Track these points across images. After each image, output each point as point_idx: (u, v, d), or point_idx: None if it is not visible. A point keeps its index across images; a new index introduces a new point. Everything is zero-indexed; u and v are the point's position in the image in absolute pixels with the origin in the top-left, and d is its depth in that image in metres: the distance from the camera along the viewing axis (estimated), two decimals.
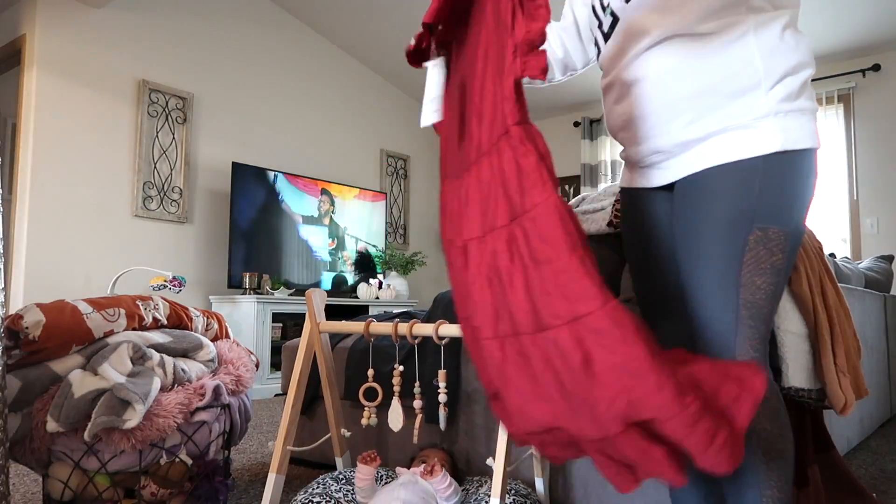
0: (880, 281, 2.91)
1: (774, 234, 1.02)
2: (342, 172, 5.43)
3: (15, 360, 1.48)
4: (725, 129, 1.04)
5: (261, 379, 4.11)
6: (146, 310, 1.68)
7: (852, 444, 2.40)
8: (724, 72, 1.03)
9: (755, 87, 1.02)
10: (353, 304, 4.76)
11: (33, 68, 3.70)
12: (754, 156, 1.02)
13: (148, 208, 4.13)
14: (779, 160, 1.01)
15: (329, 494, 1.53)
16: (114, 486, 1.50)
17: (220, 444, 1.67)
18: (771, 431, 1.04)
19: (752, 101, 1.02)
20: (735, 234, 1.03)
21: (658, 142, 1.10)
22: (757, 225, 1.02)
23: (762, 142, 1.02)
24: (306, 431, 2.18)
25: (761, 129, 1.02)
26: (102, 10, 3.99)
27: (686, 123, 1.06)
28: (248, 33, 4.81)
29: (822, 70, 4.98)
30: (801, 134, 1.02)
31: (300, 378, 1.58)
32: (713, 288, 1.05)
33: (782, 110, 1.02)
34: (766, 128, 1.02)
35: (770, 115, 1.02)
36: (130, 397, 1.42)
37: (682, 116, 1.06)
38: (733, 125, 1.03)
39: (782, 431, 1.05)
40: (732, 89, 1.02)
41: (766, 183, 1.01)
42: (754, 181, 1.02)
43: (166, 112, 4.24)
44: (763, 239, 1.02)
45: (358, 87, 5.64)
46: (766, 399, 1.04)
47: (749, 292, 1.03)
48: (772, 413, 1.05)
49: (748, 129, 1.02)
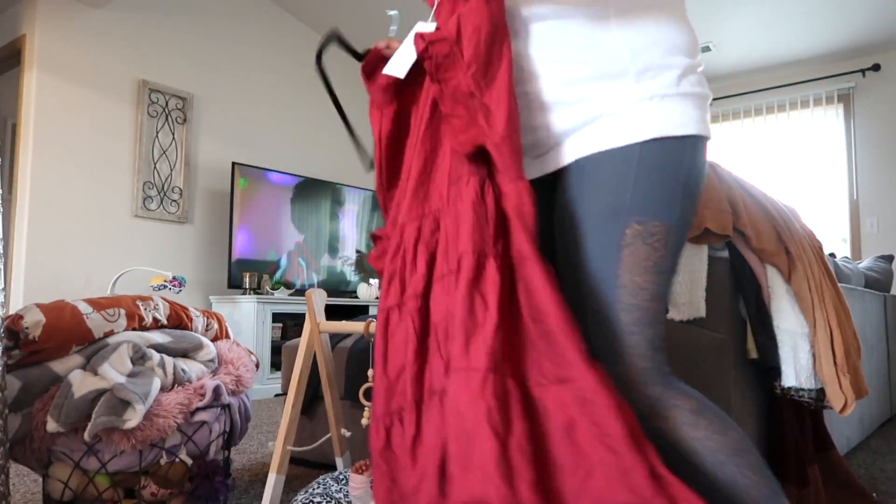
0: (880, 281, 2.91)
1: (655, 228, 0.93)
2: (342, 172, 5.43)
3: (15, 360, 1.48)
4: (600, 116, 0.96)
5: (261, 379, 4.11)
6: (146, 310, 1.68)
7: (852, 444, 2.40)
8: (592, 57, 0.96)
9: (624, 72, 0.94)
10: (353, 304, 4.76)
11: (33, 68, 3.70)
12: (628, 143, 0.94)
13: (148, 208, 4.13)
14: (657, 148, 0.93)
15: (329, 494, 1.53)
16: (114, 486, 1.50)
17: (220, 444, 1.67)
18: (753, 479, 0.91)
19: (624, 87, 0.95)
20: (610, 230, 0.94)
21: (537, 134, 1.03)
22: (634, 218, 0.93)
23: (636, 128, 0.94)
24: (306, 431, 2.18)
25: (635, 115, 0.94)
26: (102, 10, 3.99)
27: (557, 112, 0.99)
28: (248, 33, 4.81)
29: (822, 70, 4.98)
30: (683, 120, 0.94)
31: (300, 378, 1.58)
32: (591, 290, 0.96)
33: (659, 94, 0.94)
34: (640, 113, 0.94)
35: (644, 100, 0.94)
36: (130, 397, 1.42)
37: (555, 106, 0.99)
38: (606, 111, 0.95)
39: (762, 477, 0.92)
40: (601, 74, 0.95)
41: (643, 173, 0.93)
42: (629, 171, 0.93)
43: (166, 112, 4.24)
44: (642, 234, 0.93)
45: (358, 86, 5.64)
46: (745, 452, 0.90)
47: (629, 293, 0.93)
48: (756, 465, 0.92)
49: (620, 115, 0.95)
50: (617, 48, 0.95)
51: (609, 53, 0.95)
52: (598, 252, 0.95)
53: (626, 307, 0.93)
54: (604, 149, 0.95)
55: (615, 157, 0.94)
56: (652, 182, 0.93)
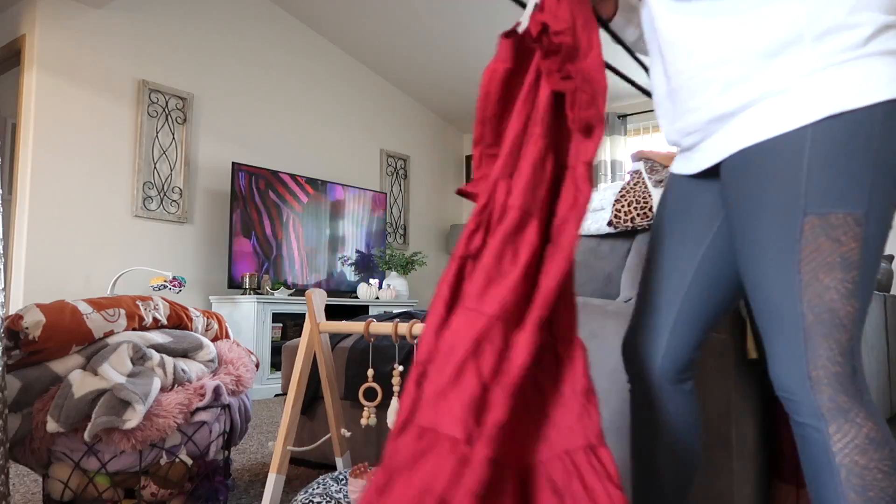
0: (880, 281, 2.92)
1: (837, 220, 0.81)
2: (342, 172, 5.43)
3: (15, 360, 1.48)
4: (765, 96, 0.85)
5: (261, 379, 4.11)
6: (146, 310, 1.68)
7: None
8: (757, 23, 0.84)
9: (798, 39, 0.81)
10: (353, 304, 4.76)
11: (33, 68, 3.70)
12: (798, 126, 0.82)
13: (148, 208, 4.13)
14: (835, 126, 0.80)
15: (329, 494, 1.53)
16: (114, 486, 1.50)
17: (220, 444, 1.67)
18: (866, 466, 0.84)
19: (796, 57, 0.82)
20: (784, 227, 0.84)
21: (690, 119, 0.94)
22: (811, 211, 0.82)
23: (808, 107, 0.81)
24: (306, 431, 2.18)
25: (807, 91, 0.82)
26: (102, 10, 3.99)
27: (715, 95, 0.89)
28: (248, 33, 4.81)
29: None
30: (868, 86, 0.79)
31: (300, 378, 1.58)
32: (771, 292, 0.87)
33: (837, 61, 0.80)
34: (813, 88, 0.81)
35: (818, 71, 0.81)
36: (130, 397, 1.42)
37: (711, 87, 0.89)
38: (772, 90, 0.84)
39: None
40: (769, 44, 0.83)
41: (818, 159, 0.81)
42: (800, 159, 0.82)
43: (166, 112, 4.25)
44: (823, 227, 0.82)
45: (358, 87, 5.64)
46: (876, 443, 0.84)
47: (815, 293, 0.84)
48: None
49: (789, 93, 0.83)
50: (790, 8, 0.82)
51: (779, 17, 0.83)
52: (774, 252, 0.86)
53: (813, 308, 0.84)
54: (769, 136, 0.85)
55: (783, 143, 0.84)
56: (830, 168, 0.81)
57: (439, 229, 6.44)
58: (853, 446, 0.83)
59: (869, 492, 0.83)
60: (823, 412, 0.85)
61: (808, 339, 0.85)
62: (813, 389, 0.86)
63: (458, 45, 5.12)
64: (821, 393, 0.85)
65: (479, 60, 5.30)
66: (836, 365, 0.84)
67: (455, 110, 6.31)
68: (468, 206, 6.71)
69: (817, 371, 0.85)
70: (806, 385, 0.86)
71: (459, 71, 5.52)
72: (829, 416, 0.85)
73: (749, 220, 0.89)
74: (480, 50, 5.14)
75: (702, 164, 0.98)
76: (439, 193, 6.48)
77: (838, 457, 0.84)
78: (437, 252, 6.38)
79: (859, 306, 0.84)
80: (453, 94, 5.98)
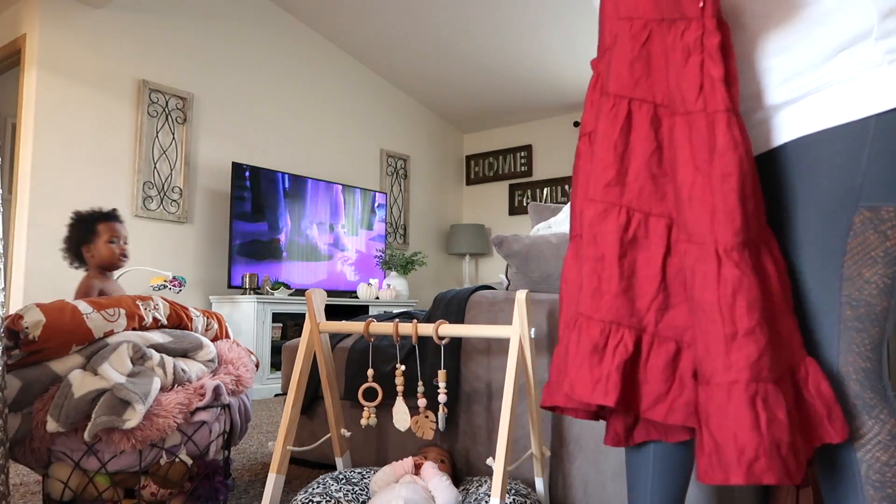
0: None
1: (888, 213, 0.81)
2: (342, 172, 5.43)
3: (15, 360, 1.48)
4: (828, 85, 0.84)
5: (261, 379, 4.11)
6: (146, 310, 1.68)
7: None
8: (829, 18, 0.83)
9: (867, 34, 0.81)
10: (353, 304, 4.76)
11: (33, 68, 3.70)
12: (861, 117, 0.81)
13: (148, 208, 4.13)
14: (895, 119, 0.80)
15: (329, 494, 1.53)
16: (114, 486, 1.50)
17: (220, 444, 1.67)
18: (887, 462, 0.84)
19: (861, 49, 0.82)
20: (836, 216, 0.84)
21: (755, 101, 0.92)
22: (863, 204, 0.82)
23: (871, 97, 0.81)
24: (306, 431, 2.18)
25: (871, 82, 0.81)
26: (102, 10, 3.99)
27: (779, 82, 0.88)
28: (248, 33, 4.81)
29: None
30: None
31: (300, 378, 1.58)
32: (810, 282, 0.87)
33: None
34: (878, 79, 0.81)
35: (884, 64, 0.81)
36: (130, 397, 1.42)
37: (774, 72, 0.88)
38: (836, 79, 0.83)
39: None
40: (838, 38, 0.83)
41: (879, 151, 0.81)
42: (861, 149, 0.81)
43: (166, 112, 4.25)
44: (873, 220, 0.82)
45: (358, 87, 5.64)
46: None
47: (855, 287, 0.83)
48: None
49: (853, 82, 0.83)
50: (864, 5, 0.82)
51: (852, 12, 0.82)
52: (820, 242, 0.86)
53: (851, 301, 0.84)
54: (830, 125, 0.84)
55: (844, 133, 0.83)
56: (886, 161, 0.81)
57: (439, 229, 6.44)
58: (876, 442, 0.83)
59: (887, 489, 0.83)
60: (849, 407, 0.86)
61: (842, 333, 0.85)
62: (842, 384, 0.86)
63: (459, 45, 5.11)
64: (848, 388, 0.86)
65: (480, 60, 5.30)
66: (867, 361, 0.85)
67: (455, 110, 6.30)
68: (468, 206, 6.71)
69: (847, 367, 0.85)
70: (835, 379, 0.87)
71: (460, 71, 5.52)
72: (854, 411, 0.85)
73: (795, 209, 0.88)
74: (481, 50, 5.14)
75: (759, 147, 0.96)
76: (439, 193, 6.48)
77: (860, 452, 0.85)
78: (437, 252, 6.38)
79: (893, 303, 0.84)
80: (453, 94, 5.98)
